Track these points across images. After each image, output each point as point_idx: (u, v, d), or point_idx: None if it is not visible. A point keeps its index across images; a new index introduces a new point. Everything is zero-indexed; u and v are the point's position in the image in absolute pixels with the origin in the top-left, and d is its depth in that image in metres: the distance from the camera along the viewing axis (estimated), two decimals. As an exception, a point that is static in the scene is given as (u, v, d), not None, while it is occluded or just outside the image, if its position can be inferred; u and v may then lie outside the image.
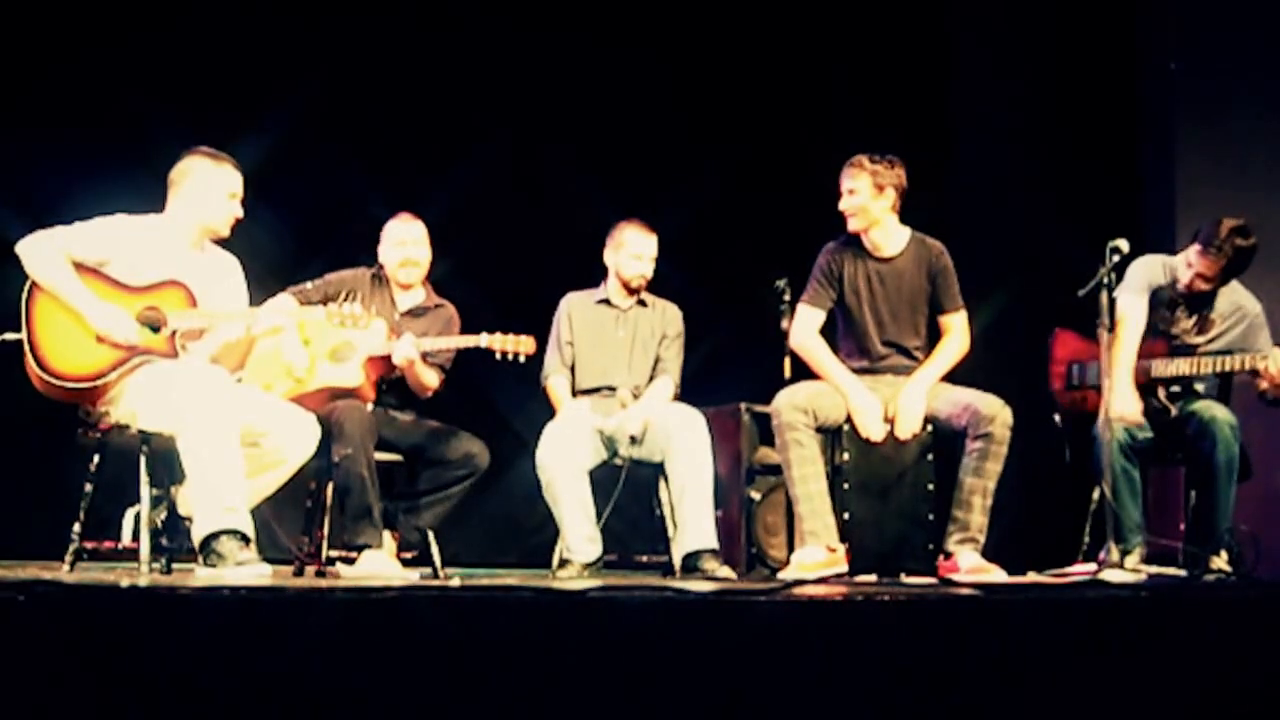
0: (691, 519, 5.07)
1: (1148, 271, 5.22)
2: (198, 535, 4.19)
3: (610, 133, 6.86)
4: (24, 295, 4.38)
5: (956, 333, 5.13)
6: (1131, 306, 5.15)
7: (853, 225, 5.12)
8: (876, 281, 5.13)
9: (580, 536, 5.05)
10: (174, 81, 6.24)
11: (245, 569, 4.08)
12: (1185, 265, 5.16)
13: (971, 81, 7.17)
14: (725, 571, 4.98)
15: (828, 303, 5.16)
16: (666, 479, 5.19)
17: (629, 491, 5.16)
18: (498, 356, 5.08)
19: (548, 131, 6.82)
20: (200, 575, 4.12)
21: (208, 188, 4.56)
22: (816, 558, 4.80)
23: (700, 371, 5.57)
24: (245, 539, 4.16)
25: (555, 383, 5.43)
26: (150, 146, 5.66)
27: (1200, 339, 5.21)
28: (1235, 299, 5.24)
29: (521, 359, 5.12)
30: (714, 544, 5.06)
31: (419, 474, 5.10)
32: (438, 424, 5.16)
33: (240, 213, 4.61)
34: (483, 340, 5.09)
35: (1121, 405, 5.00)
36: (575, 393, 5.40)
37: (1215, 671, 3.18)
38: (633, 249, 5.44)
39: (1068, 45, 6.99)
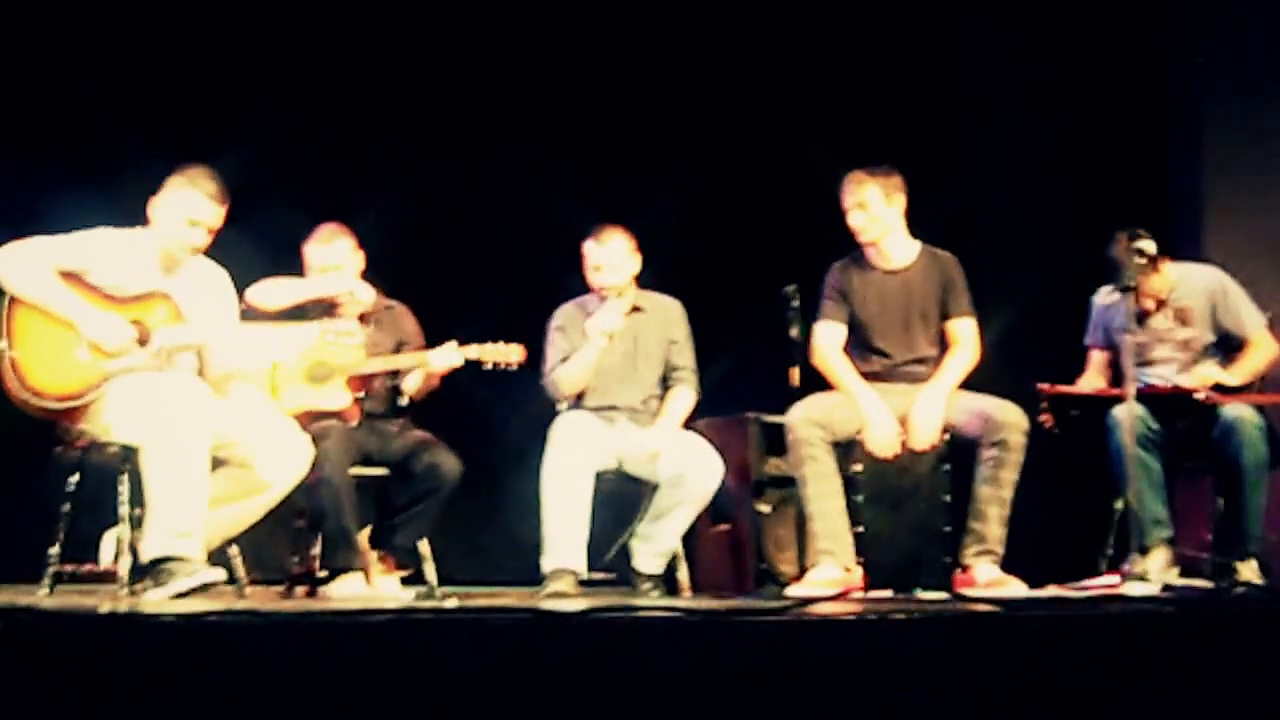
0: (668, 541, 5.19)
1: (1097, 314, 5.43)
2: (146, 555, 4.20)
3: (615, 134, 6.86)
4: (3, 309, 4.38)
5: (965, 341, 5.12)
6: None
7: (867, 236, 5.11)
8: (888, 294, 5.13)
9: (574, 543, 5.01)
10: (144, 93, 6.25)
11: (195, 577, 4.10)
12: (1128, 311, 5.05)
13: (987, 81, 7.12)
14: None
15: (845, 316, 5.16)
16: (655, 494, 5.22)
17: (608, 501, 5.20)
18: (487, 366, 5.11)
19: (553, 136, 6.81)
20: (150, 597, 4.11)
21: (171, 208, 4.53)
22: (832, 577, 4.80)
23: (706, 380, 5.56)
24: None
25: (570, 365, 5.31)
26: (121, 161, 5.71)
27: (1189, 332, 5.26)
28: (1191, 279, 5.29)
29: (514, 368, 5.14)
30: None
31: (399, 490, 5.11)
32: (420, 435, 5.16)
33: (198, 241, 4.55)
34: (471, 352, 5.12)
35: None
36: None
37: (1244, 688, 3.17)
38: (590, 262, 5.37)
39: (1088, 35, 6.96)
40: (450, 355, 5.14)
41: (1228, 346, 5.27)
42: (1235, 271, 5.40)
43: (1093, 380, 5.42)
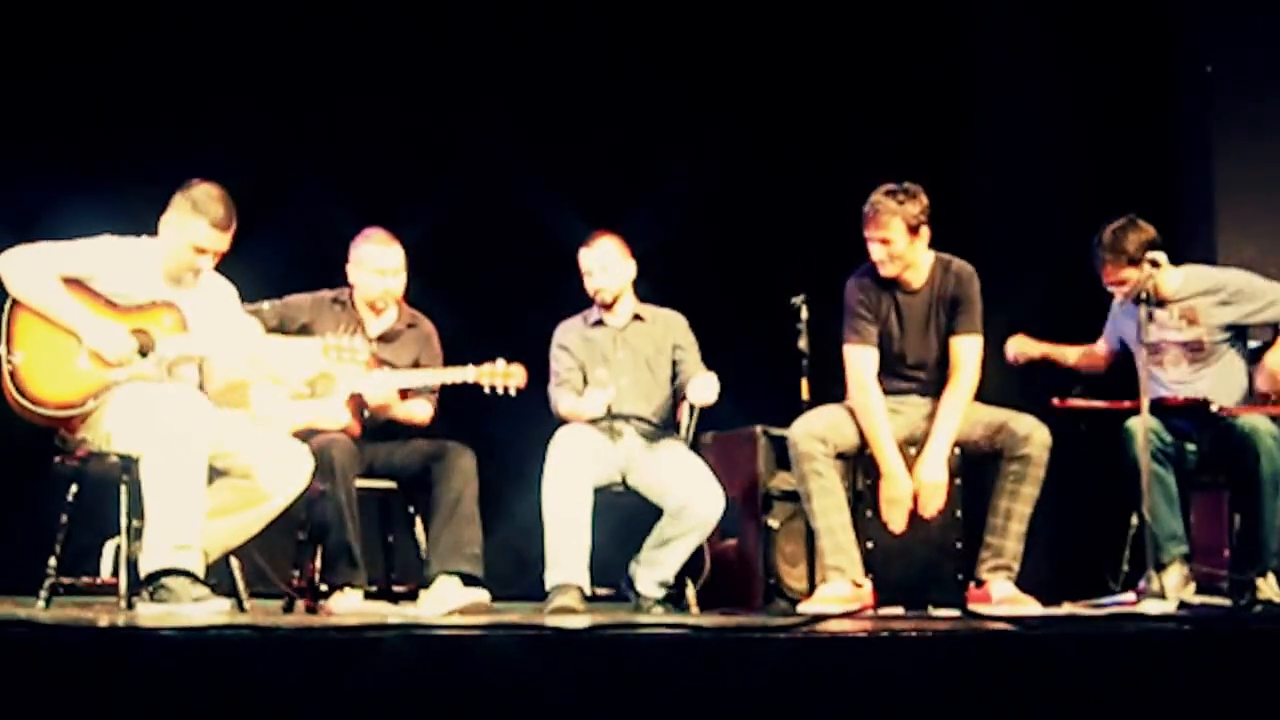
0: (670, 569, 5.16)
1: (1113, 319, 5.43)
2: (144, 569, 4.20)
3: (619, 142, 6.86)
4: (4, 314, 4.38)
5: (963, 365, 4.98)
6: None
7: (886, 272, 5.01)
8: (907, 314, 5.05)
9: (577, 558, 4.98)
10: (145, 98, 6.27)
11: (200, 606, 4.10)
12: (1124, 294, 5.18)
13: (998, 81, 7.13)
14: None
15: (875, 339, 5.04)
16: (659, 521, 5.19)
17: (618, 518, 5.18)
18: (486, 390, 5.08)
19: (556, 144, 6.82)
20: (148, 612, 4.11)
21: (177, 231, 4.53)
22: (841, 593, 4.77)
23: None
24: (195, 578, 4.18)
25: (567, 402, 5.29)
26: (128, 168, 5.72)
27: (1196, 332, 5.21)
28: (1194, 280, 5.24)
29: (512, 393, 5.10)
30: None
31: (423, 503, 5.09)
32: (425, 444, 5.14)
33: (203, 266, 4.56)
34: (468, 374, 5.08)
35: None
36: None
37: (1264, 708, 3.16)
38: (583, 267, 5.37)
39: (1099, 34, 6.95)
40: (385, 382, 5.05)
41: (1241, 346, 5.24)
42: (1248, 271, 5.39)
43: (1076, 351, 5.49)
